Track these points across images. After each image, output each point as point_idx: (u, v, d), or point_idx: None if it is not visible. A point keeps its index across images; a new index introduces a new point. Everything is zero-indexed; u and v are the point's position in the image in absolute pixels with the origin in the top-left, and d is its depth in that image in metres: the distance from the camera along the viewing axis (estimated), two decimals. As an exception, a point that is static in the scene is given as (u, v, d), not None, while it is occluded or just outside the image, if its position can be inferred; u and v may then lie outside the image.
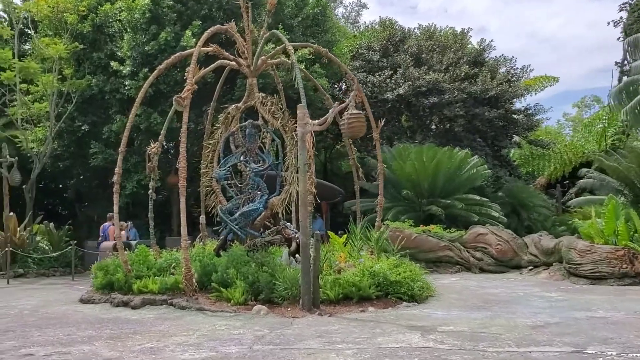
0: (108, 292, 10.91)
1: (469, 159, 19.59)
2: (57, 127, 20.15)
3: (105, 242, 15.12)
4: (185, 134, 9.82)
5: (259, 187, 11.84)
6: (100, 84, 19.66)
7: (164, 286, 10.04)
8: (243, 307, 9.00)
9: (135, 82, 18.41)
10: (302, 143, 8.67)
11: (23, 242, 18.41)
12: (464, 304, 9.24)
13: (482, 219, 18.05)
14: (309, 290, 8.54)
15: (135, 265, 11.03)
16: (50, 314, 9.56)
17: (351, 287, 9.04)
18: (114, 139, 20.05)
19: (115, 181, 11.20)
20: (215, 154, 13.01)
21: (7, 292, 13.68)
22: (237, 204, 12.14)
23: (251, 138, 12.25)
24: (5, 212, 18.25)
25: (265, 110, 11.88)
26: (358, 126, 8.08)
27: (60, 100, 20.32)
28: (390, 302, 9.11)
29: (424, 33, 25.93)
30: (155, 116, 18.65)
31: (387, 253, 10.84)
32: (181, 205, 9.65)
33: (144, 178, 19.59)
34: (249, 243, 11.54)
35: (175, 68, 18.91)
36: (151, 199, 13.16)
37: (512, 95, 23.98)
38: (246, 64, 12.23)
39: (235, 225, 11.61)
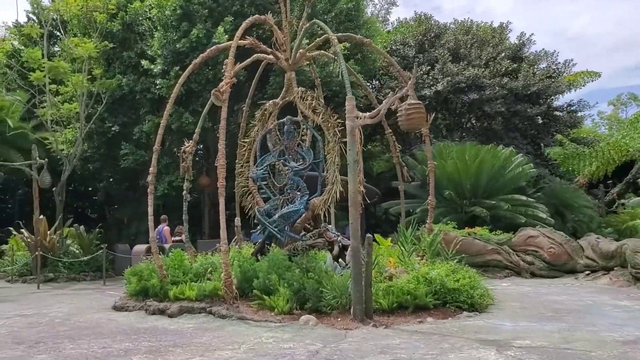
0: (142, 298, 10.34)
1: (514, 157, 18.63)
2: (87, 129, 19.75)
3: (138, 246, 14.56)
4: (224, 130, 9.17)
5: (299, 187, 11.14)
6: (130, 83, 19.22)
7: (202, 293, 9.40)
8: (288, 316, 8.30)
9: (167, 81, 17.90)
10: (351, 138, 7.95)
11: (53, 246, 18.03)
12: (530, 314, 8.40)
13: (528, 221, 17.10)
14: (361, 299, 7.80)
15: (170, 270, 10.44)
16: (83, 322, 8.98)
17: (406, 296, 8.28)
18: (144, 139, 19.61)
19: (150, 181, 10.63)
20: (251, 153, 12.35)
21: (38, 297, 13.21)
22: (275, 205, 11.47)
23: (290, 135, 11.57)
24: (35, 215, 17.89)
25: (305, 105, 11.17)
26: (418, 118, 7.33)
27: (90, 101, 19.92)
28: (449, 312, 8.33)
29: (460, 28, 25.00)
30: (187, 116, 18.12)
31: (440, 257, 10.04)
32: (220, 207, 9.00)
33: (176, 179, 19.12)
34: (289, 247, 10.85)
35: (206, 66, 18.40)
36: (185, 200, 12.57)
37: (555, 91, 22.94)
38: (284, 57, 11.55)
39: (274, 228, 10.95)
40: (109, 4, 19.70)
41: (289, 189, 11.37)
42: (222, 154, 9.08)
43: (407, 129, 7.51)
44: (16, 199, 30.89)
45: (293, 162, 11.16)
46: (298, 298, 8.51)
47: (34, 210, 18.01)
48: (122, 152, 19.56)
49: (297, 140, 11.54)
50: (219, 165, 9.08)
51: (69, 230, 19.70)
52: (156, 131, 18.98)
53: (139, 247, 14.08)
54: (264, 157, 11.91)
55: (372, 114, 7.76)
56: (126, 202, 25.74)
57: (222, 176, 9.05)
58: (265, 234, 11.26)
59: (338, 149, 10.62)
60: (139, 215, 24.01)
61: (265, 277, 8.96)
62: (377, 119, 7.80)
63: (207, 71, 18.49)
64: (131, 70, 19.81)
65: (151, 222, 10.48)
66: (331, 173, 10.64)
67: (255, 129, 12.27)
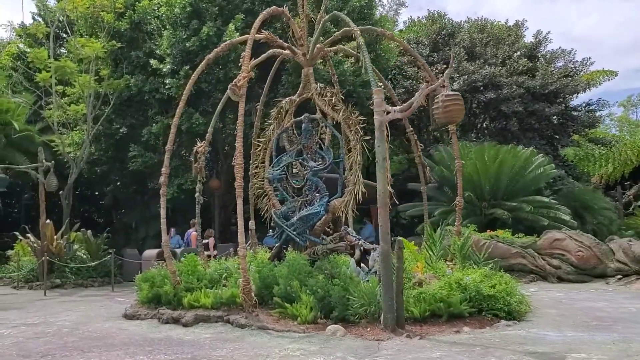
0: (155, 306, 9.80)
1: (534, 157, 18.02)
2: (94, 130, 19.27)
3: (148, 250, 14.00)
4: (241, 127, 8.62)
5: (318, 188, 10.59)
6: (139, 83, 18.71)
7: (219, 300, 8.85)
8: (313, 326, 7.74)
9: (176, 81, 17.40)
10: (380, 133, 7.39)
11: (60, 251, 17.51)
12: (573, 322, 7.80)
13: (551, 223, 16.47)
14: (392, 307, 7.23)
15: (183, 276, 9.90)
16: (93, 332, 8.44)
17: (438, 303, 7.70)
18: (153, 141, 19.12)
19: (162, 182, 10.09)
20: (266, 153, 11.81)
21: (45, 304, 12.69)
22: (293, 207, 10.92)
23: (308, 134, 11.02)
24: (41, 220, 17.38)
25: (324, 102, 10.64)
26: (456, 110, 6.76)
27: (97, 102, 19.45)
28: (485, 321, 7.74)
29: (473, 26, 24.42)
30: (197, 116, 17.60)
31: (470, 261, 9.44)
32: (238, 209, 8.44)
33: (185, 182, 18.60)
34: (309, 251, 10.29)
35: (217, 65, 17.89)
36: (198, 202, 12.02)
37: (573, 90, 22.33)
38: (301, 52, 11.01)
39: (293, 231, 10.39)
40: (116, 3, 19.24)
41: (307, 190, 10.83)
42: (239, 152, 8.53)
43: (445, 122, 6.94)
44: (22, 203, 30.40)
45: (312, 162, 10.61)
46: (322, 306, 7.95)
47: (40, 215, 17.51)
48: (131, 154, 19.05)
49: (316, 139, 10.99)
50: (237, 165, 8.53)
51: (76, 235, 19.19)
52: (165, 132, 18.56)
53: (150, 252, 13.52)
54: (281, 157, 11.37)
55: (404, 108, 7.21)
56: (134, 206, 25.23)
57: (240, 176, 8.50)
58: (283, 238, 10.71)
59: (360, 147, 10.09)
60: (147, 220, 23.52)
61: (286, 283, 8.40)
62: (408, 112, 7.25)
63: (217, 70, 17.98)
64: (139, 70, 19.32)
65: (163, 225, 9.93)
66: (353, 173, 10.10)
67: (271, 128, 11.74)
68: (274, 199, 11.36)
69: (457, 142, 11.47)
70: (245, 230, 12.06)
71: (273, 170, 11.22)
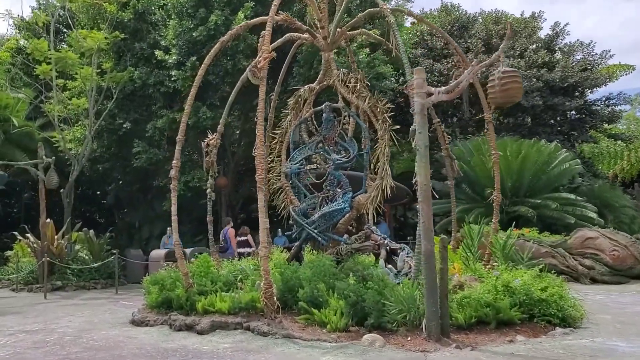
0: (165, 311, 8.97)
1: (558, 152, 17.20)
2: (97, 126, 18.44)
3: (156, 251, 13.13)
4: (262, 113, 7.78)
5: (340, 183, 9.78)
6: (143, 76, 17.86)
7: (237, 305, 8.02)
8: (345, 334, 6.91)
9: (183, 73, 16.58)
10: (421, 118, 6.56)
11: (61, 252, 16.69)
12: (637, 331, 6.97)
13: (576, 221, 15.68)
14: (436, 313, 6.40)
15: (196, 279, 9.07)
16: (98, 341, 7.62)
17: (485, 309, 6.87)
18: (158, 137, 18.30)
19: (173, 176, 9.27)
20: (283, 146, 10.99)
21: (45, 309, 11.87)
22: (313, 203, 10.11)
23: (329, 124, 10.20)
24: (41, 219, 16.56)
25: (348, 89, 9.82)
26: (515, 88, 5.93)
27: (99, 97, 18.61)
28: (538, 328, 6.91)
29: (487, 18, 23.58)
30: (204, 110, 16.77)
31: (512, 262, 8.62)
32: (259, 203, 7.62)
33: (192, 179, 17.79)
34: (332, 251, 9.48)
35: (225, 57, 17.07)
36: (210, 199, 11.18)
37: (593, 84, 21.49)
38: (322, 36, 10.18)
39: (314, 229, 9.57)
40: (119, -7, 18.44)
41: (329, 185, 10.02)
42: (260, 141, 7.70)
43: (502, 102, 6.11)
44: (21, 203, 29.57)
45: (334, 155, 9.78)
46: (354, 312, 7.12)
47: (40, 214, 16.69)
48: (135, 150, 18.19)
49: (338, 130, 10.16)
50: (258, 155, 7.71)
51: (77, 235, 18.36)
52: (171, 127, 17.74)
53: (157, 252, 12.61)
54: (299, 149, 10.56)
55: (449, 88, 6.38)
56: (137, 205, 24.44)
57: (262, 168, 7.68)
58: (303, 237, 9.89)
59: (388, 137, 9.28)
60: (151, 219, 22.71)
61: (312, 286, 7.57)
62: (455, 94, 6.43)
63: (225, 62, 17.16)
64: (143, 62, 18.49)
65: (175, 222, 9.10)
66: (380, 166, 9.28)
67: (288, 119, 10.93)
68: (292, 195, 10.54)
69: (493, 132, 10.62)
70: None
71: (291, 164, 10.41)
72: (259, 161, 7.67)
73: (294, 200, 10.42)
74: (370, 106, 9.42)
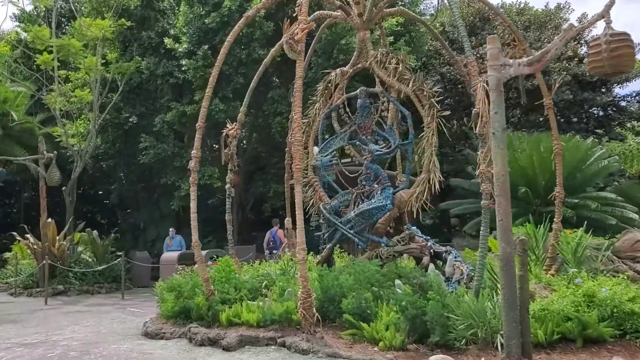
0: (183, 322, 7.88)
1: (595, 148, 16.10)
2: (101, 120, 17.35)
3: (168, 253, 11.97)
4: (300, 92, 6.71)
5: (378, 177, 8.69)
6: (151, 66, 16.77)
7: (268, 317, 6.92)
8: (402, 353, 5.81)
9: (194, 62, 15.51)
10: (497, 95, 5.48)
11: (63, 254, 15.60)
12: None
13: (618, 223, 14.56)
14: (516, 330, 5.29)
15: (218, 285, 7.98)
16: (108, 357, 6.53)
17: (568, 323, 5.77)
18: (166, 131, 17.21)
19: (193, 167, 8.20)
20: (310, 137, 9.90)
21: (46, 316, 10.79)
22: (346, 200, 9.02)
23: (365, 111, 9.11)
24: (42, 218, 15.49)
25: (387, 72, 8.72)
26: (627, 54, 4.83)
27: (103, 89, 17.52)
28: (633, 347, 5.79)
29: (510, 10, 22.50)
30: (217, 102, 15.68)
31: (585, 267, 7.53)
32: (296, 198, 6.52)
33: (201, 177, 16.64)
34: (370, 254, 8.39)
35: (238, 45, 15.97)
36: (229, 195, 10.11)
37: (624, 78, 20.38)
38: (357, 12, 9.08)
39: (349, 229, 8.49)
40: (126, -21, 17.36)
41: (364, 180, 8.93)
42: (297, 125, 6.62)
43: (611, 71, 4.97)
44: (21, 202, 28.46)
45: (373, 145, 8.68)
46: (412, 327, 6.01)
47: (41, 213, 15.61)
48: (142, 145, 17.06)
49: (375, 118, 9.06)
50: (295, 141, 6.63)
51: (80, 236, 17.27)
52: (180, 121, 16.68)
53: (170, 254, 11.41)
54: (329, 140, 9.47)
55: (534, 58, 5.30)
56: (142, 204, 23.30)
57: (299, 156, 6.59)
58: (336, 238, 8.80)
59: (435, 125, 8.19)
60: (157, 219, 21.61)
61: (358, 296, 6.47)
62: (541, 65, 5.35)
63: (238, 51, 16.06)
64: (151, 52, 17.42)
65: (194, 221, 8.00)
66: (427, 157, 8.19)
67: (316, 107, 9.83)
68: (321, 191, 9.45)
69: (554, 120, 9.55)
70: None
71: (321, 156, 9.32)
72: (296, 148, 6.58)
73: (324, 196, 9.33)
74: (414, 90, 8.33)
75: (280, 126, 17.11)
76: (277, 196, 18.92)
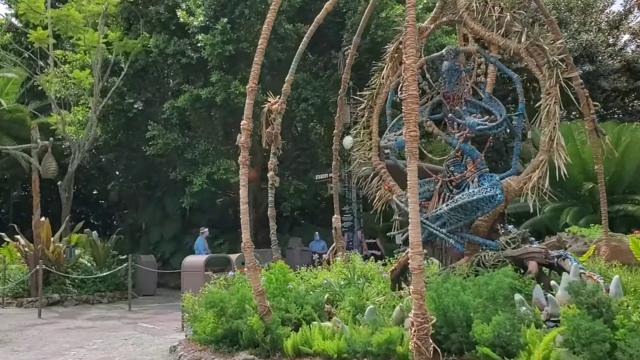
0: (227, 348, 5.87)
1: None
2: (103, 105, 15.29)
3: (192, 257, 9.83)
4: (412, 29, 4.73)
5: (474, 160, 6.74)
6: (160, 44, 14.70)
7: (360, 346, 4.95)
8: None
9: (211, 37, 13.50)
10: None
11: (59, 257, 13.54)
12: None
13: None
14: None
15: (272, 298, 6.01)
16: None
17: None
18: (177, 119, 15.12)
19: (242, 143, 6.17)
20: (374, 113, 7.96)
21: (40, 334, 8.76)
22: (427, 191, 7.03)
23: (454, 76, 7.07)
24: (34, 217, 13.45)
25: (486, 25, 6.79)
26: None
27: (105, 72, 15.47)
28: None
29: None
30: (237, 84, 13.68)
31: None
32: (409, 179, 4.53)
33: (217, 170, 14.67)
34: (468, 260, 6.41)
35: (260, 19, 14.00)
36: (272, 185, 8.14)
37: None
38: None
39: (440, 228, 6.53)
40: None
41: (453, 164, 6.96)
42: (412, 74, 4.62)
43: None
44: (10, 202, 26.29)
45: (470, 118, 6.70)
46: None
47: (33, 210, 13.57)
48: (149, 134, 14.95)
49: (469, 85, 7.10)
50: (409, 97, 4.61)
51: (78, 237, 15.18)
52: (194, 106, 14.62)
53: (194, 258, 9.19)
54: (402, 115, 7.48)
55: None
56: (143, 204, 21.25)
57: (414, 121, 4.59)
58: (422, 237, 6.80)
59: (557, 91, 6.26)
60: (161, 219, 19.59)
61: (500, 322, 4.49)
62: None
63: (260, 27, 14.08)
64: (160, 29, 15.37)
65: (244, 214, 5.95)
66: (547, 133, 6.25)
67: (383, 74, 7.86)
68: (391, 181, 7.48)
69: None
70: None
71: (394, 135, 7.32)
72: (412, 108, 4.57)
73: (395, 187, 7.36)
74: (528, 45, 6.40)
75: (306, 114, 15.16)
76: (297, 194, 16.95)
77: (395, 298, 6.39)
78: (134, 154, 18.38)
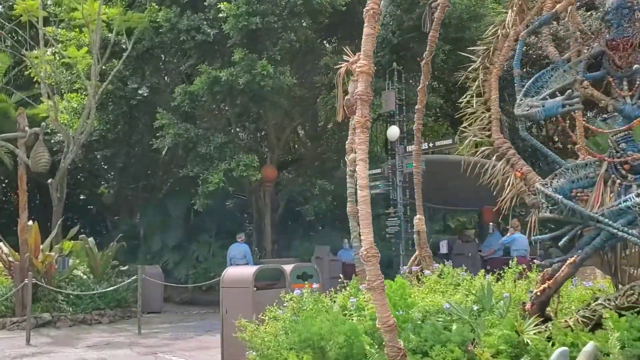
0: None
1: None
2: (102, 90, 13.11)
3: (234, 268, 7.57)
4: None
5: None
6: (172, 18, 12.54)
7: None
8: None
9: (234, 7, 11.43)
10: None
11: (50, 268, 11.29)
12: None
13: None
14: None
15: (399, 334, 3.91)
16: None
17: None
18: (188, 107, 12.96)
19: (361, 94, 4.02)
20: (492, 74, 5.91)
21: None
22: (584, 177, 4.97)
23: (623, 17, 5.07)
24: (21, 219, 11.26)
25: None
26: None
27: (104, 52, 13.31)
28: None
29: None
30: (264, 64, 11.56)
31: None
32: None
33: (237, 167, 12.54)
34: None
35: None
36: (353, 172, 6.01)
37: None
38: None
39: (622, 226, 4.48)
40: None
41: (624, 140, 4.92)
42: None
43: None
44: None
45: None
46: None
47: (20, 213, 11.40)
48: (158, 122, 12.69)
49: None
50: None
51: (72, 245, 12.93)
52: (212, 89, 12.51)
53: (239, 270, 6.86)
54: (542, 74, 5.43)
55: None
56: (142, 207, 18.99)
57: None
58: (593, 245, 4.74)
59: None
60: (164, 225, 17.29)
61: None
62: None
63: (287, 0, 12.12)
64: (170, 2, 13.25)
65: (365, 203, 3.83)
66: None
67: (506, 22, 5.84)
68: (524, 165, 5.43)
69: None
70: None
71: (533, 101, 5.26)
72: None
73: (532, 173, 5.30)
74: None
75: (334, 104, 13.09)
76: (322, 195, 14.85)
77: (562, 331, 4.36)
78: (132, 150, 16.23)
